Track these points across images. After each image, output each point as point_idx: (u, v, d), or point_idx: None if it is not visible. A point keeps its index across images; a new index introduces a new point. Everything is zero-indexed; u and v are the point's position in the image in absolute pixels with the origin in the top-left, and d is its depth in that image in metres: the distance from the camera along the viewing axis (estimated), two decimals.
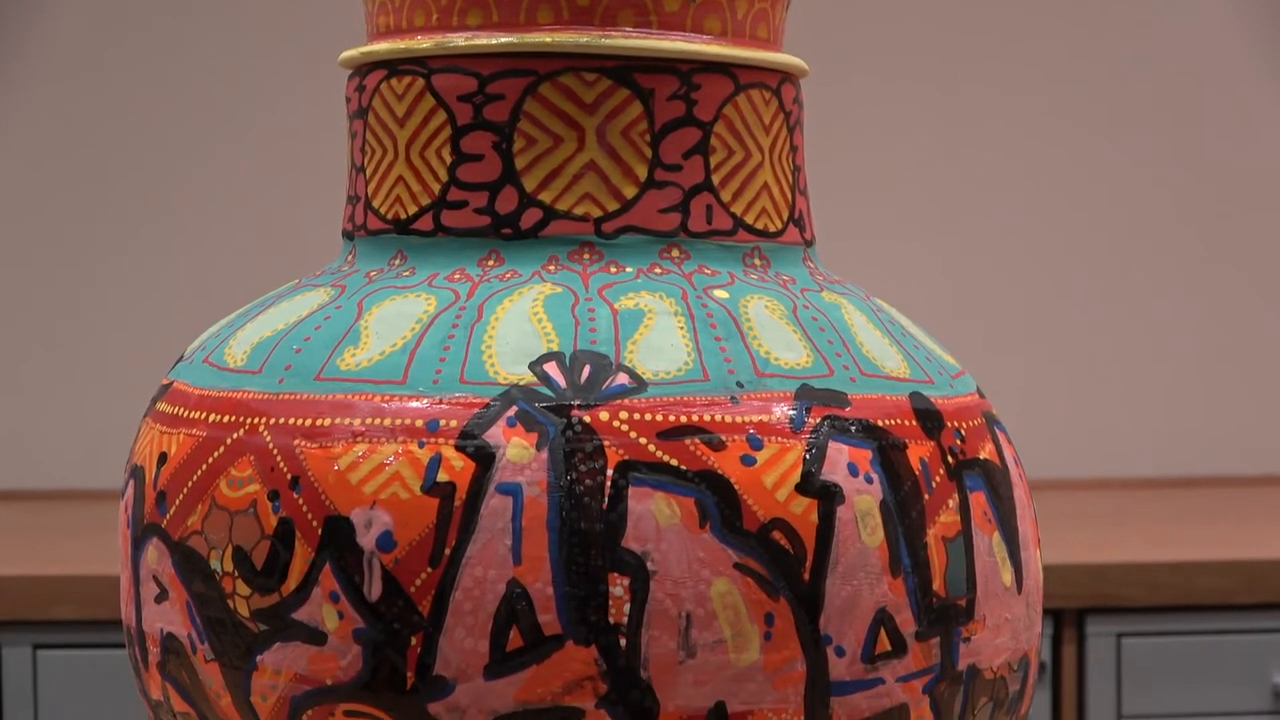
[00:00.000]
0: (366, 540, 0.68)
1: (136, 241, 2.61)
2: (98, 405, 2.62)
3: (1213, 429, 2.69)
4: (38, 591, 2.08)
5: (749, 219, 0.77)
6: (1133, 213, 2.67)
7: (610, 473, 0.67)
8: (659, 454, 0.68)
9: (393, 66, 0.77)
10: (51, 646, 2.10)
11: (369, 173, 0.78)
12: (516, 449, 0.68)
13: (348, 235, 0.80)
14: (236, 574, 0.70)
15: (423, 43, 0.76)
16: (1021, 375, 2.66)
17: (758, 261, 0.77)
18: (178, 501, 0.73)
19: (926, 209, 2.65)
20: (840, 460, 0.70)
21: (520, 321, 0.71)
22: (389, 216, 0.77)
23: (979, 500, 0.74)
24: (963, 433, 0.75)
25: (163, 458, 0.74)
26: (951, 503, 0.72)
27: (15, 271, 2.62)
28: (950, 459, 0.73)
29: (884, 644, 0.70)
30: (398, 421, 0.69)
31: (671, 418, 0.69)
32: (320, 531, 0.69)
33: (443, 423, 0.69)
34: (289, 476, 0.70)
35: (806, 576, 0.69)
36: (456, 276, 0.74)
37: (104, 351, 2.62)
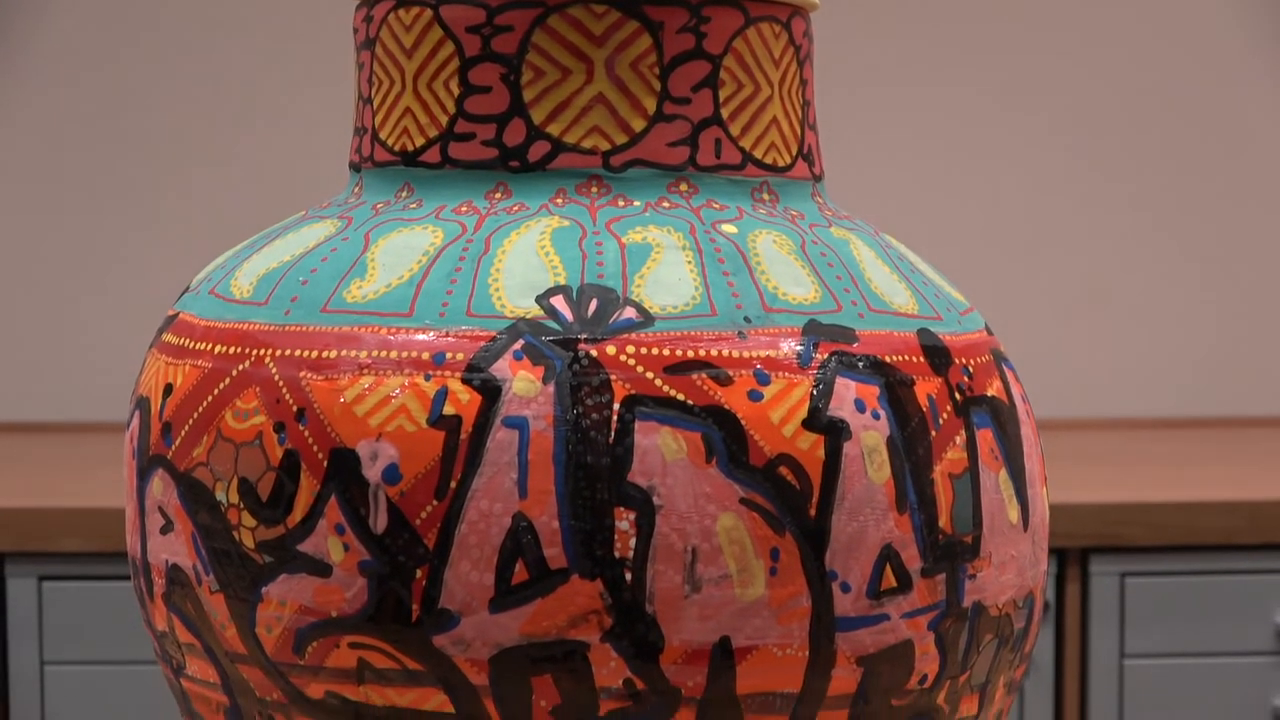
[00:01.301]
0: (372, 473, 0.68)
1: (142, 172, 2.61)
2: (103, 337, 2.62)
3: (1219, 369, 2.69)
4: (43, 523, 2.08)
5: (758, 153, 0.77)
6: (1143, 151, 2.66)
7: (617, 407, 0.67)
8: (666, 388, 0.68)
9: None
10: (57, 578, 2.11)
11: (376, 104, 0.78)
12: (523, 382, 0.68)
13: (354, 167, 0.80)
14: (242, 505, 0.70)
15: None
16: (1027, 314, 2.66)
17: (766, 196, 0.77)
18: (183, 433, 0.73)
19: (935, 145, 2.65)
20: (847, 396, 0.70)
21: (527, 255, 0.71)
22: (396, 148, 0.77)
23: (986, 437, 0.74)
24: (970, 369, 0.74)
25: (168, 389, 0.74)
26: (958, 439, 0.72)
27: (22, 204, 2.61)
28: (958, 395, 0.73)
29: (889, 580, 0.70)
30: (404, 354, 0.69)
31: (678, 352, 0.68)
32: (326, 464, 0.69)
33: (449, 355, 0.69)
34: (295, 408, 0.70)
35: (812, 512, 0.69)
36: (464, 209, 0.74)
37: (110, 283, 2.62)
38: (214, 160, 2.61)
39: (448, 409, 0.68)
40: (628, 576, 0.67)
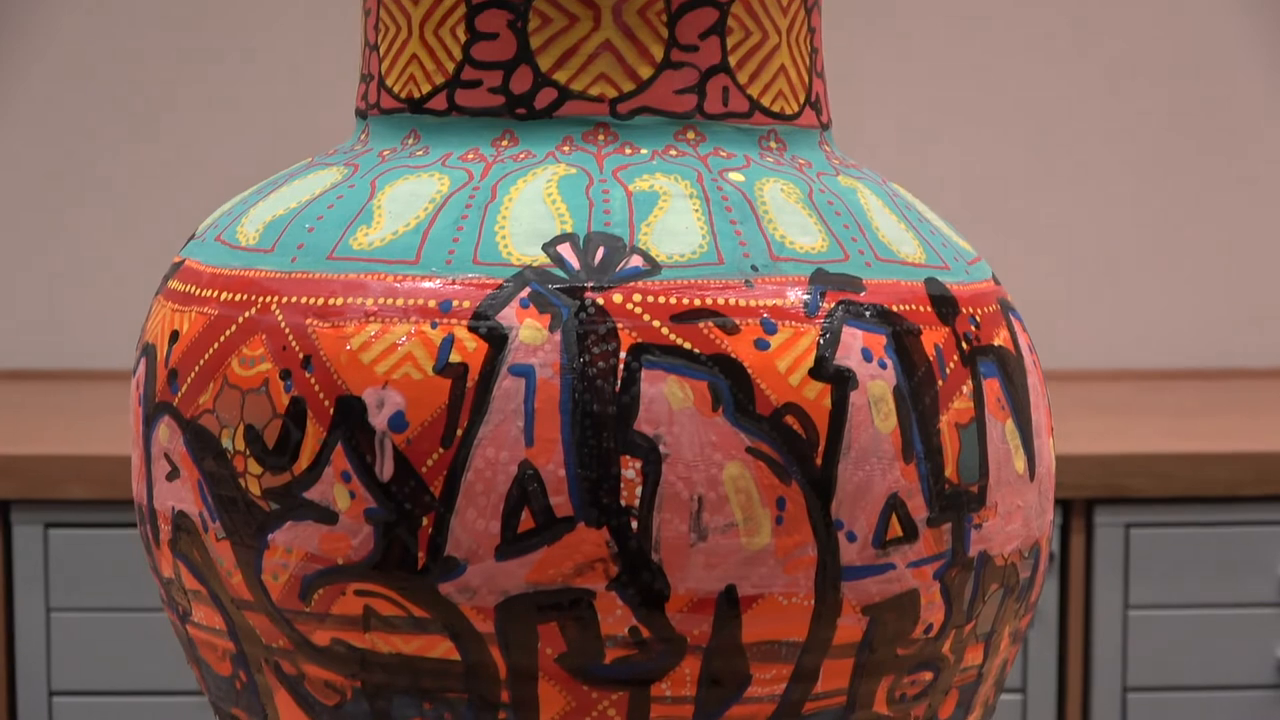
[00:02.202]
0: (378, 420, 0.68)
1: (148, 120, 2.60)
2: (110, 284, 2.62)
3: (1225, 321, 2.69)
4: (49, 471, 2.08)
5: (765, 101, 0.76)
6: (1150, 102, 2.65)
7: (623, 355, 0.67)
8: (672, 337, 0.68)
9: None
10: (63, 525, 2.11)
11: (382, 51, 0.77)
12: (529, 330, 0.68)
13: (361, 114, 0.80)
14: (248, 453, 0.70)
15: None
16: (1035, 264, 2.65)
17: (774, 144, 0.76)
18: (189, 380, 0.73)
19: (944, 95, 2.64)
20: (854, 345, 0.70)
21: (534, 202, 0.71)
22: (402, 95, 0.76)
23: (993, 387, 0.74)
24: (977, 319, 0.74)
25: (174, 336, 0.74)
26: (965, 389, 0.72)
27: (27, 152, 2.61)
28: (964, 345, 0.73)
29: (895, 529, 0.70)
30: (410, 302, 0.69)
31: (685, 301, 0.68)
32: (332, 411, 0.69)
33: (455, 303, 0.68)
34: (301, 356, 0.69)
35: (819, 461, 0.68)
36: (470, 156, 0.74)
37: (116, 230, 2.62)
38: (220, 107, 2.60)
39: (454, 357, 0.68)
40: (634, 525, 0.67)
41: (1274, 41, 2.68)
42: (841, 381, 0.69)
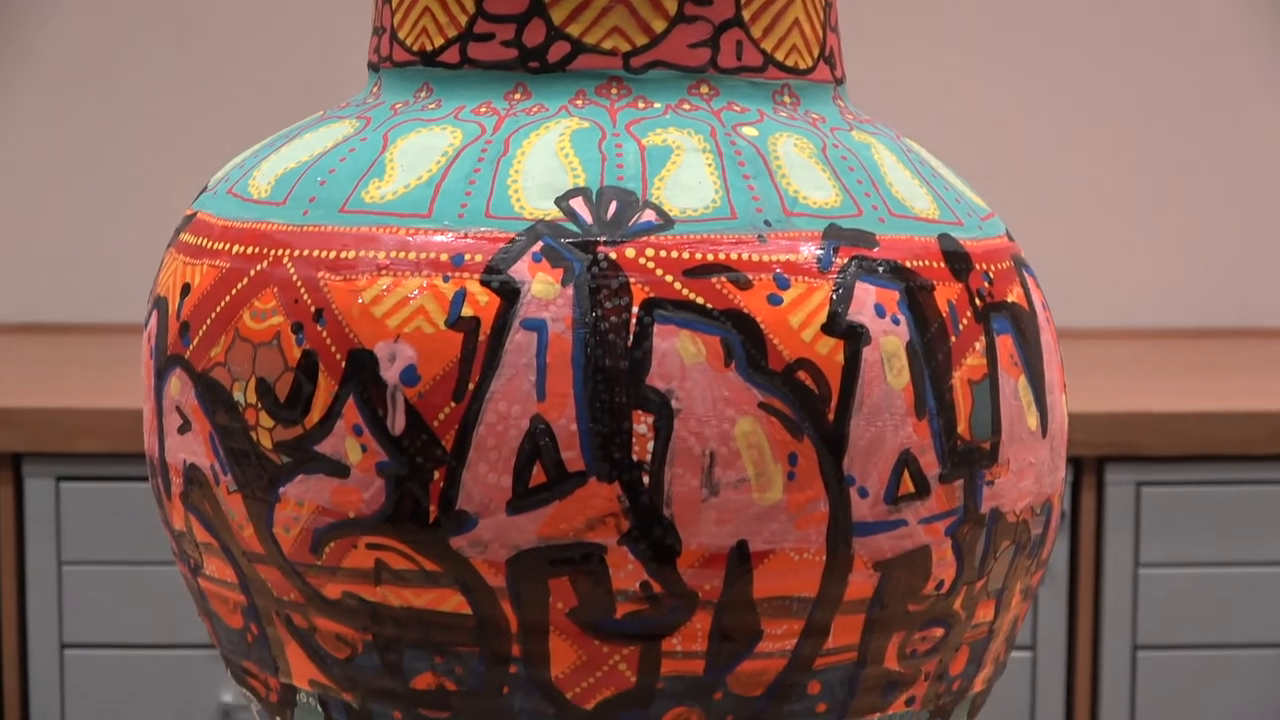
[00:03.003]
0: (390, 374, 0.68)
1: (160, 72, 2.60)
2: (122, 237, 2.62)
3: (1240, 279, 2.68)
4: (61, 424, 2.09)
5: (779, 55, 0.76)
6: (1168, 60, 2.64)
7: (635, 310, 0.67)
8: (685, 292, 0.68)
9: None
10: (74, 478, 2.12)
11: (395, 3, 0.77)
12: (542, 285, 0.68)
13: (373, 67, 0.79)
14: (260, 406, 0.70)
15: None
16: (1047, 221, 2.65)
17: (787, 99, 0.76)
18: (201, 333, 0.73)
19: (958, 51, 2.63)
20: (867, 301, 0.69)
21: (547, 156, 0.71)
22: (415, 48, 0.76)
23: (1006, 343, 0.73)
24: (991, 275, 0.74)
25: (186, 289, 0.74)
26: (978, 345, 0.72)
27: (40, 105, 2.61)
28: (978, 301, 0.73)
29: (907, 486, 0.70)
30: (422, 255, 0.69)
31: (698, 255, 0.68)
32: (344, 364, 0.69)
33: (468, 257, 0.68)
34: (313, 309, 0.69)
35: (831, 417, 0.68)
36: (483, 110, 0.74)
37: (128, 183, 2.62)
38: (232, 59, 2.60)
39: (466, 310, 0.68)
40: (645, 480, 0.67)
41: None
42: (854, 337, 0.69)
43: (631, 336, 0.67)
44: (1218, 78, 2.66)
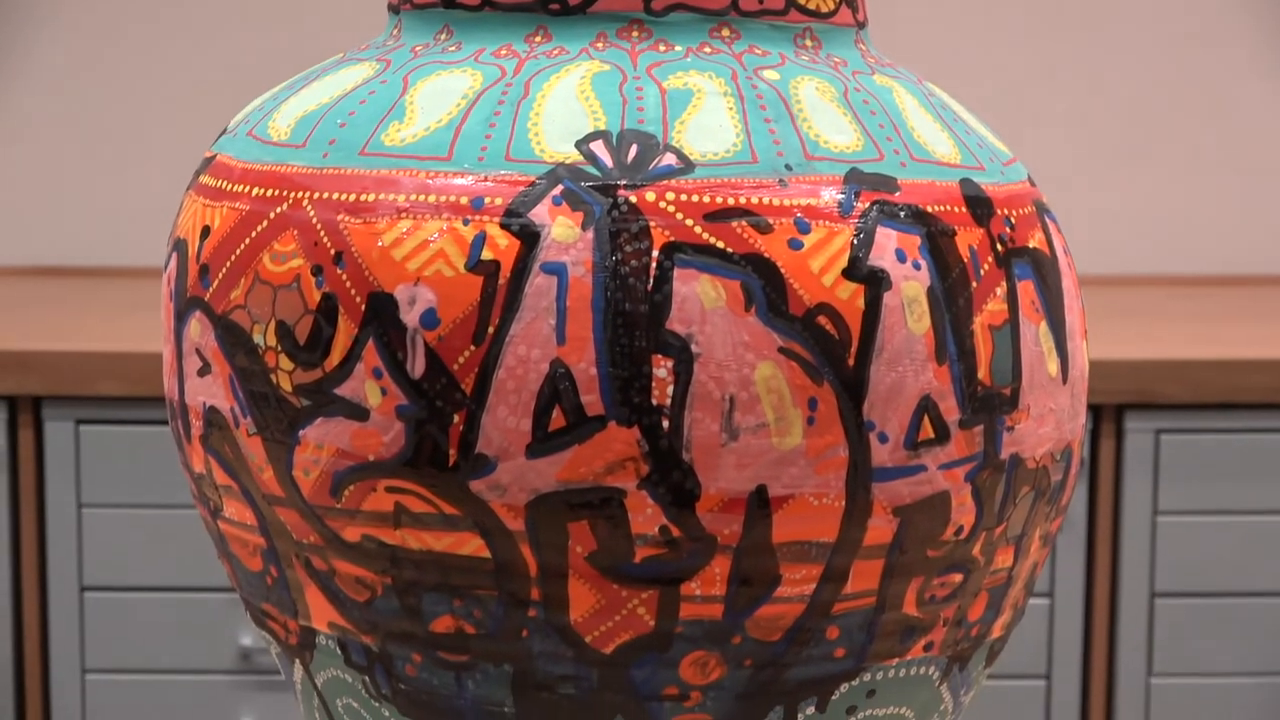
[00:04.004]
0: (410, 317, 0.68)
1: (181, 14, 2.59)
2: (142, 180, 2.62)
3: (1261, 226, 2.67)
4: (81, 367, 2.09)
5: None
6: (1188, 8, 2.63)
7: (656, 254, 0.67)
8: (705, 236, 0.67)
9: None
10: (94, 422, 2.12)
11: None
12: (561, 228, 0.67)
13: (393, 9, 0.79)
14: (279, 349, 0.70)
15: None
16: (1069, 168, 2.64)
17: (809, 42, 0.76)
18: (220, 275, 0.73)
19: None
20: (888, 246, 0.69)
21: (567, 99, 0.71)
22: None
23: (1027, 289, 0.73)
24: (1012, 220, 0.74)
25: (205, 231, 0.74)
26: (999, 291, 0.72)
27: (58, 47, 2.60)
28: (999, 246, 0.72)
29: (927, 431, 0.70)
30: (442, 198, 0.69)
31: (719, 199, 0.68)
32: (364, 307, 0.68)
33: (487, 200, 0.68)
34: (332, 252, 0.69)
35: (851, 362, 0.68)
36: (503, 52, 0.73)
37: (148, 125, 2.61)
38: (253, 2, 2.59)
39: (486, 254, 0.67)
40: (665, 424, 0.67)
41: None
42: (875, 282, 0.69)
43: (651, 280, 0.67)
44: (1246, 20, 2.65)
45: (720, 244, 0.67)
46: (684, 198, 0.68)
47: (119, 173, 2.63)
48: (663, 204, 0.68)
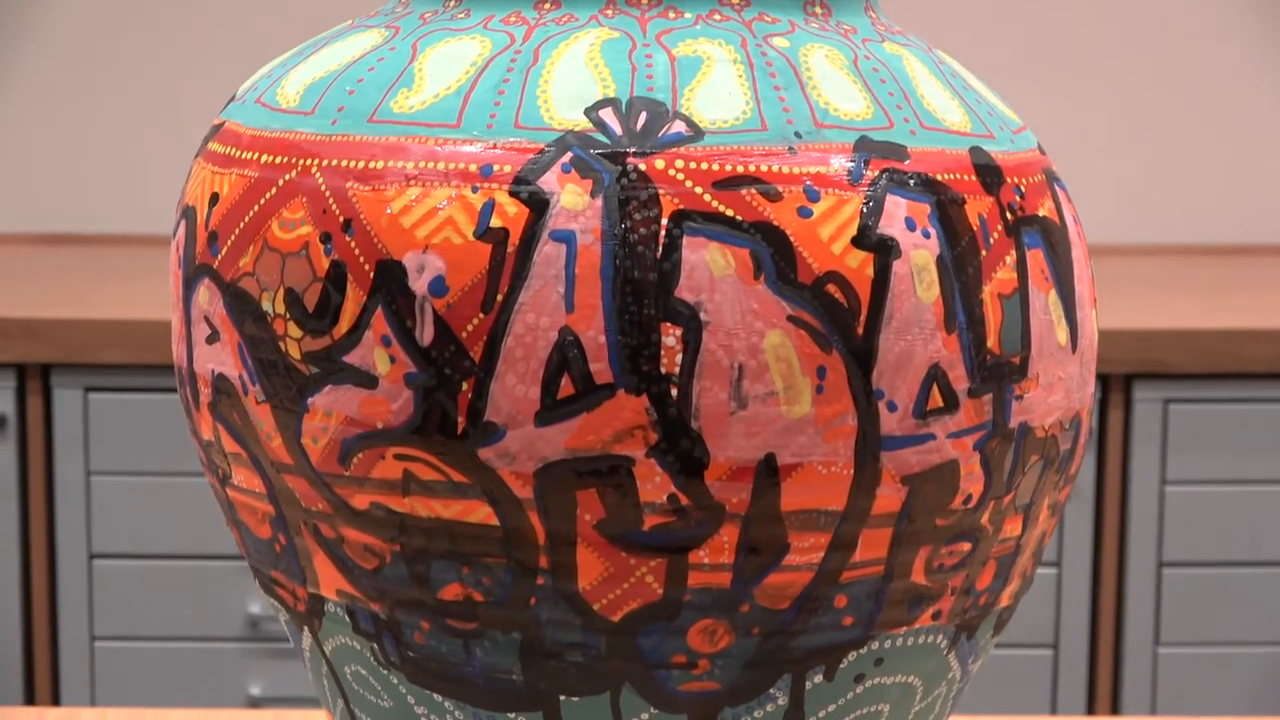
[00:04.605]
0: (419, 285, 0.68)
1: None
2: (150, 148, 2.62)
3: (1270, 196, 2.67)
4: (89, 335, 2.09)
5: None
6: None
7: (665, 222, 0.67)
8: (714, 204, 0.67)
9: None
10: (103, 389, 2.12)
11: None
12: (571, 196, 0.67)
13: None
14: (288, 316, 0.70)
15: None
16: (1078, 137, 2.63)
17: (819, 10, 0.75)
18: (229, 242, 0.73)
19: None
20: (898, 214, 0.69)
21: (576, 66, 0.70)
22: None
23: (1036, 257, 0.73)
24: (1022, 189, 0.74)
25: (214, 198, 0.74)
26: (1009, 259, 0.72)
27: (68, 15, 2.60)
28: (1009, 215, 0.72)
29: (936, 400, 0.70)
30: (451, 165, 0.68)
31: (728, 167, 0.68)
32: (372, 275, 0.68)
33: (496, 167, 0.68)
34: (341, 219, 0.69)
35: (860, 330, 0.68)
36: (512, 19, 0.73)
37: (156, 93, 2.61)
38: None
39: (494, 221, 0.67)
40: (674, 392, 0.67)
41: None
42: (884, 250, 0.69)
43: (660, 248, 0.67)
44: None
45: (729, 212, 0.67)
46: (693, 165, 0.68)
47: (128, 140, 2.63)
48: (672, 171, 0.67)
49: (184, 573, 2.14)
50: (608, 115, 0.69)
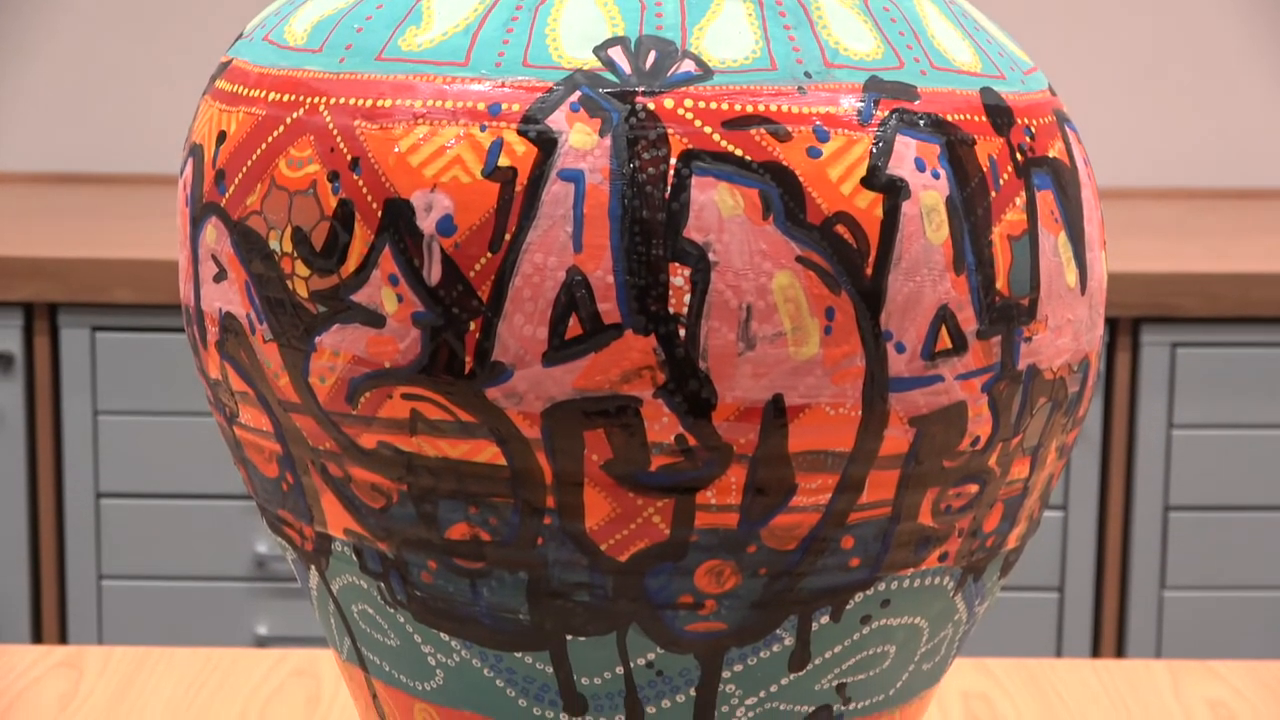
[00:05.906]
0: (426, 224, 0.68)
1: None
2: (158, 87, 2.61)
3: (1278, 140, 2.66)
4: (97, 274, 2.09)
5: None
6: None
7: (674, 161, 0.67)
8: (723, 143, 0.67)
9: None
10: (110, 329, 2.13)
11: None
12: (579, 135, 0.67)
13: None
14: (295, 254, 0.70)
15: None
16: (1086, 80, 2.63)
17: None
18: (237, 180, 0.72)
19: None
20: (907, 155, 0.69)
21: (585, 5, 0.70)
22: None
23: (1046, 199, 0.73)
24: (1033, 130, 0.73)
25: (221, 136, 0.74)
26: (1018, 201, 0.71)
27: None
28: (1019, 156, 0.72)
29: (944, 341, 0.70)
30: (459, 104, 0.68)
31: (737, 107, 0.68)
32: (380, 214, 0.68)
33: (505, 106, 0.68)
34: (349, 157, 0.69)
35: (869, 271, 0.68)
36: None
37: (165, 31, 2.61)
38: None
39: (503, 160, 0.67)
40: (681, 333, 0.67)
41: None
42: (894, 191, 0.68)
43: (669, 188, 0.66)
44: None
45: (738, 152, 0.67)
46: (702, 105, 0.67)
47: (136, 79, 2.62)
48: (681, 111, 0.67)
49: (191, 512, 2.15)
50: (616, 54, 0.68)
